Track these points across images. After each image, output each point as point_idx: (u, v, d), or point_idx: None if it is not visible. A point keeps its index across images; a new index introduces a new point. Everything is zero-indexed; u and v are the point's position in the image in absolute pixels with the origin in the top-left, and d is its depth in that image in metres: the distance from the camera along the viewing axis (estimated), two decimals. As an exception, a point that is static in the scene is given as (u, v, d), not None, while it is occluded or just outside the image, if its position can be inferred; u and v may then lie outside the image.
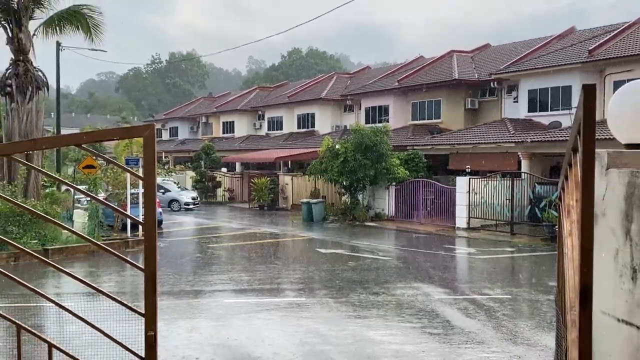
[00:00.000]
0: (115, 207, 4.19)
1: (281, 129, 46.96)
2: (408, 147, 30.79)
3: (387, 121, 35.74)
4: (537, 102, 30.65)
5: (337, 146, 28.19)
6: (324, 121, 43.34)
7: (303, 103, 44.55)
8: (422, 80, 36.44)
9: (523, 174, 25.75)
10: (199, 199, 35.36)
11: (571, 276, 2.88)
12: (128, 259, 3.73)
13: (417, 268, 14.97)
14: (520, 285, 12.82)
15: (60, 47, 29.13)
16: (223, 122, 52.99)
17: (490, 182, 24.90)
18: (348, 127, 41.19)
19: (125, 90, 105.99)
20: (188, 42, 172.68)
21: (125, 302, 3.64)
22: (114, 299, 3.62)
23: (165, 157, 51.08)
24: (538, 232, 22.18)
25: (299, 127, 45.02)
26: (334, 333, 8.70)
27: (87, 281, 3.69)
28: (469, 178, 25.11)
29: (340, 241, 20.89)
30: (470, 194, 24.87)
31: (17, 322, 3.61)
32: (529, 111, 30.78)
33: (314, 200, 29.08)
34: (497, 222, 24.21)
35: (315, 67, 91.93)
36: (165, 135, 59.55)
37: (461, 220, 25.09)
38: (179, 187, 35.46)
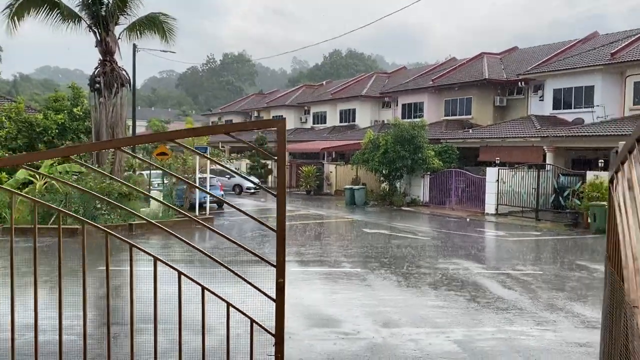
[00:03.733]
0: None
1: (325, 122, 47.41)
2: (441, 140, 30.92)
3: (422, 117, 35.84)
4: (561, 100, 30.37)
5: (379, 138, 28.52)
6: (364, 116, 43.60)
7: (345, 100, 44.88)
8: (455, 79, 36.38)
9: (548, 165, 25.66)
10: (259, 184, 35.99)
11: None
12: (261, 220, 4.26)
13: (454, 247, 15.30)
14: (549, 263, 13.05)
15: (137, 49, 30.09)
16: (273, 116, 53.71)
17: (517, 172, 24.93)
18: (386, 122, 41.42)
19: (184, 87, 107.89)
20: (238, 44, 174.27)
21: (261, 256, 4.19)
22: (253, 253, 4.16)
23: (222, 147, 52.16)
24: (561, 219, 22.17)
25: (341, 121, 45.39)
26: (390, 298, 9.16)
27: (231, 238, 4.24)
28: (498, 169, 25.17)
29: (382, 223, 21.29)
30: (499, 183, 24.93)
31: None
32: (553, 109, 30.52)
33: (356, 187, 29.50)
34: (523, 209, 24.24)
35: (354, 67, 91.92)
36: (221, 128, 60.56)
37: (490, 206, 25.20)
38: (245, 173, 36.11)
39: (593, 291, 9.79)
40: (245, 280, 4.13)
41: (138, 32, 21.94)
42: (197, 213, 21.91)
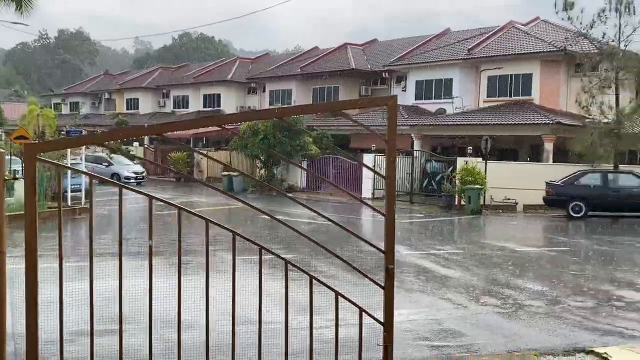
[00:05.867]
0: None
1: (187, 107, 45.71)
2: (315, 127, 31.53)
3: (290, 104, 36.29)
4: (423, 91, 32.63)
5: (258, 124, 28.26)
6: (229, 102, 42.82)
7: (209, 84, 43.67)
8: (322, 68, 37.26)
9: (416, 152, 27.50)
10: (144, 173, 32.90)
11: None
12: (318, 210, 4.04)
13: (359, 230, 15.76)
14: (461, 242, 14.06)
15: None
16: (127, 99, 50.50)
17: (393, 158, 26.35)
18: (251, 108, 41.19)
19: (12, 64, 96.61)
20: (74, 20, 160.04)
21: (369, 242, 4.00)
22: (360, 237, 3.94)
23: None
24: (434, 202, 23.93)
25: (205, 107, 44.10)
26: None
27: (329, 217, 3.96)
28: (375, 155, 26.38)
29: (270, 209, 21.16)
30: (376, 168, 26.14)
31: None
32: (416, 99, 32.67)
33: (235, 173, 28.99)
34: (398, 193, 25.72)
35: (205, 50, 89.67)
36: (65, 110, 55.45)
37: (367, 191, 26.34)
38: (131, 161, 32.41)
39: (524, 267, 10.78)
40: (355, 268, 3.92)
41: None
42: (69, 202, 19.92)
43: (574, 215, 19.45)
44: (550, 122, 24.52)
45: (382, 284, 3.87)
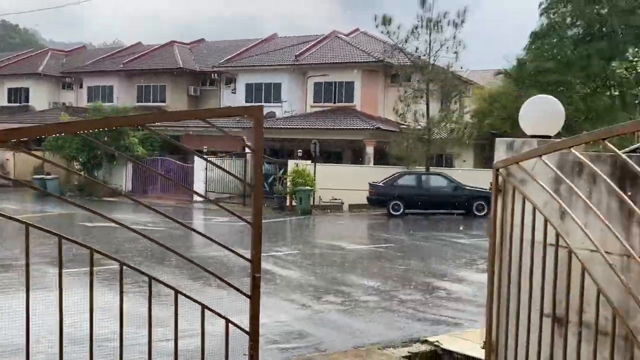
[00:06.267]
0: None
1: (-14, 101, 40.58)
2: (139, 127, 30.07)
3: (112, 101, 34.29)
4: (253, 94, 32.97)
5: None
6: (40, 97, 38.92)
7: (16, 77, 39.25)
8: (148, 65, 35.71)
9: (248, 154, 27.68)
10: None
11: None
12: (236, 214, 3.97)
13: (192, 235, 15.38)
14: (295, 243, 14.44)
15: None
16: None
17: (225, 160, 26.21)
18: (68, 104, 37.96)
19: None
20: None
21: (235, 251, 3.93)
22: (225, 247, 3.85)
23: None
24: (266, 203, 24.31)
25: (10, 102, 39.53)
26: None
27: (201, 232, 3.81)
28: (207, 157, 25.99)
29: (94, 216, 19.74)
30: (207, 170, 25.80)
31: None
32: (246, 101, 32.88)
33: (49, 177, 26.48)
34: (231, 195, 25.67)
35: (10, 39, 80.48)
36: None
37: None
38: None
39: (356, 264, 11.43)
40: (220, 279, 3.83)
41: None
42: None
43: (394, 213, 21.17)
44: (371, 127, 26.37)
45: (249, 293, 3.85)
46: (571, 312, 3.95)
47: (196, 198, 25.60)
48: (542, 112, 4.95)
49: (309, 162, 23.97)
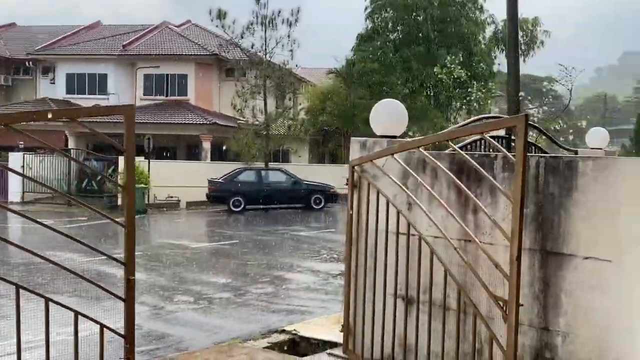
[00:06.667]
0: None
1: None
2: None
3: None
4: (75, 85, 30.75)
5: None
6: None
7: None
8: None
9: (73, 150, 25.81)
10: None
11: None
12: (106, 215, 3.83)
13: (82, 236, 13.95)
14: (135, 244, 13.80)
15: None
16: None
17: (46, 157, 24.09)
18: None
19: None
20: None
21: (108, 254, 3.80)
22: (99, 251, 3.71)
23: None
24: (95, 203, 22.78)
25: None
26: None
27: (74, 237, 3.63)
28: (24, 154, 23.70)
29: None
30: (25, 168, 23.49)
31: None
32: (67, 93, 30.64)
33: None
34: (54, 195, 23.69)
35: None
36: None
37: (15, 195, 23.54)
38: None
39: (203, 262, 11.34)
40: (92, 282, 3.70)
41: None
42: None
43: (234, 209, 21.30)
44: (208, 122, 26.16)
45: (123, 297, 3.79)
46: (422, 293, 4.51)
47: (14, 200, 23.23)
48: (389, 115, 5.51)
49: (141, 158, 23.05)
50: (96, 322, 3.76)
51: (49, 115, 3.55)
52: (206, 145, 26.59)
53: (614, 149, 16.08)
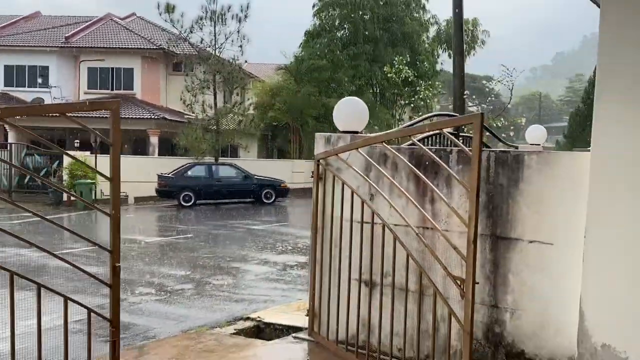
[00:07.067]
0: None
1: None
2: None
3: None
4: (14, 77, 29.72)
5: None
6: None
7: None
8: None
9: (13, 144, 24.99)
10: None
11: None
12: (95, 206, 4.00)
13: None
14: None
15: None
16: None
17: (-14, 152, 23.27)
18: None
19: None
20: None
21: (94, 241, 4.00)
22: (88, 240, 3.89)
23: None
24: (38, 199, 22.24)
25: None
26: None
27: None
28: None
29: None
30: (-39, 163, 22.64)
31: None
32: (5, 85, 29.63)
33: None
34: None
35: None
36: None
37: (-49, 190, 22.57)
38: None
39: (159, 256, 11.40)
40: (79, 268, 3.90)
41: None
42: None
43: (185, 204, 21.25)
44: (156, 117, 25.87)
45: (109, 282, 4.00)
46: (384, 276, 4.90)
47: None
48: (351, 112, 5.87)
49: (88, 153, 22.65)
50: (84, 306, 3.96)
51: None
52: (154, 139, 26.30)
53: (549, 145, 17.14)
